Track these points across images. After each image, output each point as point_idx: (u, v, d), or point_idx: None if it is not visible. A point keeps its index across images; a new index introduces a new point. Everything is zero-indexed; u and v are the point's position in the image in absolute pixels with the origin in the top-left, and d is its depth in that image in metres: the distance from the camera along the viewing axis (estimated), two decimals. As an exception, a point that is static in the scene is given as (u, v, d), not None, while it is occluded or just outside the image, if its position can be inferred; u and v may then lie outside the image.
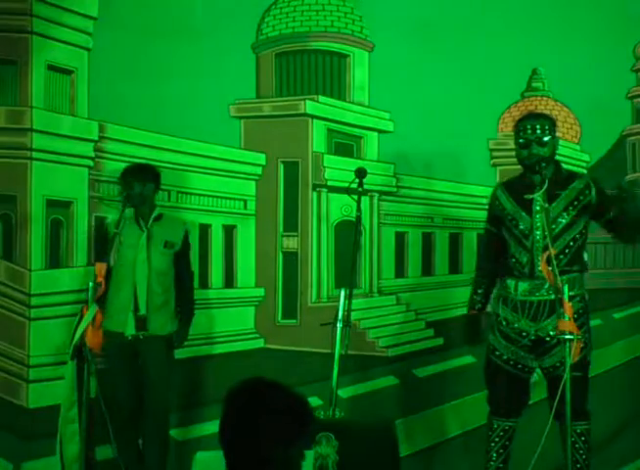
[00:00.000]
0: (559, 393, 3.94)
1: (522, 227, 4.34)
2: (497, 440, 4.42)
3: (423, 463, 5.50)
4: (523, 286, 4.34)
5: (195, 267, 5.41)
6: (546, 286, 4.23)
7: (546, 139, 4.27)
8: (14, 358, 5.42)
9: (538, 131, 4.26)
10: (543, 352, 4.34)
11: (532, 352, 4.37)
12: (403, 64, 5.80)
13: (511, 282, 4.38)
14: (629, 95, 6.19)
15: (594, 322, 5.86)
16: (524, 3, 5.90)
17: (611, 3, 5.87)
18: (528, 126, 4.28)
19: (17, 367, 5.42)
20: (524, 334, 4.35)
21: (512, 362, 4.39)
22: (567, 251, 4.32)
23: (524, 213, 4.34)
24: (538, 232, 4.28)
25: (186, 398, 5.47)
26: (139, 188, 4.89)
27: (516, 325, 4.36)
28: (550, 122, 4.35)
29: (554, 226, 4.23)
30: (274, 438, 2.31)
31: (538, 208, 4.26)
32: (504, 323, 4.39)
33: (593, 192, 4.33)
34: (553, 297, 4.16)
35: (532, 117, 4.41)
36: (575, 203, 4.32)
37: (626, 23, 5.86)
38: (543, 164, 4.19)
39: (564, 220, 4.30)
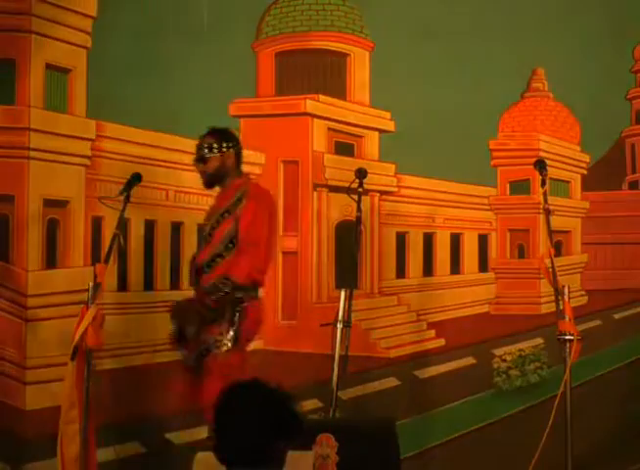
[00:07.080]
0: (558, 396, 3.94)
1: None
2: None
3: (424, 465, 5.48)
4: None
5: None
6: None
7: (208, 156, 4.30)
8: (10, 360, 5.37)
9: (205, 149, 4.31)
10: None
11: None
12: (403, 63, 5.79)
13: None
14: (629, 96, 6.20)
15: (593, 323, 5.88)
16: (524, 3, 5.90)
17: (611, 3, 5.88)
18: (199, 144, 4.33)
19: (14, 369, 5.37)
20: None
21: None
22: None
23: None
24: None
25: (186, 400, 5.43)
26: None
27: None
28: (217, 140, 4.34)
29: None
30: (260, 434, 2.36)
31: None
32: None
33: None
34: None
35: (205, 135, 4.38)
36: (226, 214, 4.30)
37: (626, 24, 5.87)
38: (211, 180, 4.31)
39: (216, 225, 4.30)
